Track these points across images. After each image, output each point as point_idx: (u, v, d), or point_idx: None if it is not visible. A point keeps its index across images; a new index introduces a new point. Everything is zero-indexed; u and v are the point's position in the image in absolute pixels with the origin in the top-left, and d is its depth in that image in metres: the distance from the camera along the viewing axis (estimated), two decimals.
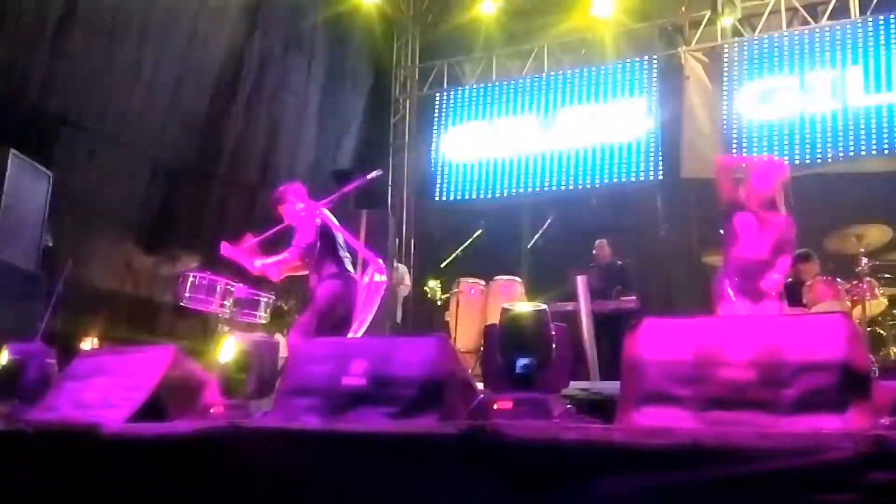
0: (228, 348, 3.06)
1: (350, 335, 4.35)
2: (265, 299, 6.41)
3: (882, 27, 7.52)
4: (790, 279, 6.41)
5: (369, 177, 4.69)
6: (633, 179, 8.30)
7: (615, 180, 8.43)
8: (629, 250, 7.38)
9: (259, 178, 8.09)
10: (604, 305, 6.60)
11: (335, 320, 4.24)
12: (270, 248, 4.55)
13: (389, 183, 9.55)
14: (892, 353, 5.72)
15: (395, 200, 9.60)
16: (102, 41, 6.73)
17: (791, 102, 7.76)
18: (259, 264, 4.37)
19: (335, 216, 4.69)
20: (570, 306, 6.56)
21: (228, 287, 6.14)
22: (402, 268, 8.11)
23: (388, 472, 2.23)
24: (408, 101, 9.97)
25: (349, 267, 4.49)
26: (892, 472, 1.64)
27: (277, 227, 4.60)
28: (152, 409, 2.97)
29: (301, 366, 2.86)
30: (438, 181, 9.43)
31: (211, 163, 7.76)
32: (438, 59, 9.79)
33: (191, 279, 6.04)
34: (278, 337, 5.74)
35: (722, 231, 4.21)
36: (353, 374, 2.66)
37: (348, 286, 4.37)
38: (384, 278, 4.25)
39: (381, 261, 4.35)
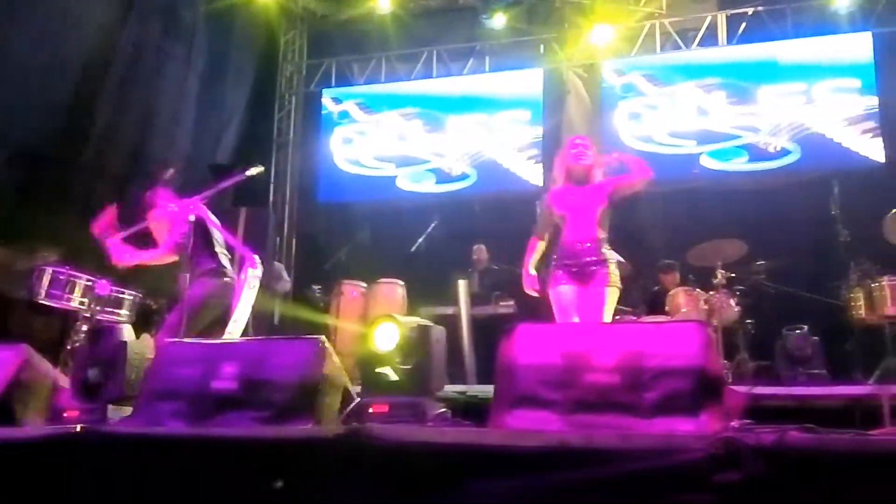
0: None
1: (226, 336, 4.20)
2: (130, 297, 6.08)
3: (745, 54, 8.13)
4: (655, 287, 6.82)
5: (248, 173, 4.55)
6: (516, 187, 8.52)
7: (499, 189, 8.63)
8: (510, 256, 7.56)
9: (130, 169, 7.64)
10: (483, 310, 6.75)
11: (209, 320, 4.09)
12: (139, 241, 4.37)
13: (271, 181, 9.32)
14: (743, 361, 6.16)
15: (277, 199, 9.37)
16: None
17: (661, 122, 8.24)
18: (127, 255, 4.19)
19: (213, 212, 4.53)
20: (450, 310, 6.67)
21: (90, 283, 5.77)
22: (280, 267, 7.93)
23: (259, 479, 2.16)
24: (293, 97, 9.76)
25: (226, 264, 4.34)
26: (740, 473, 1.75)
27: (145, 224, 4.40)
28: (0, 412, 2.75)
29: (167, 368, 2.73)
30: (323, 181, 9.30)
31: (76, 150, 7.26)
32: (327, 57, 9.65)
33: (48, 274, 5.63)
34: (146, 337, 5.45)
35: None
36: (223, 377, 2.58)
37: (224, 285, 4.23)
38: (258, 273, 4.13)
39: (256, 256, 4.22)
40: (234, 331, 4.03)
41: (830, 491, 1.70)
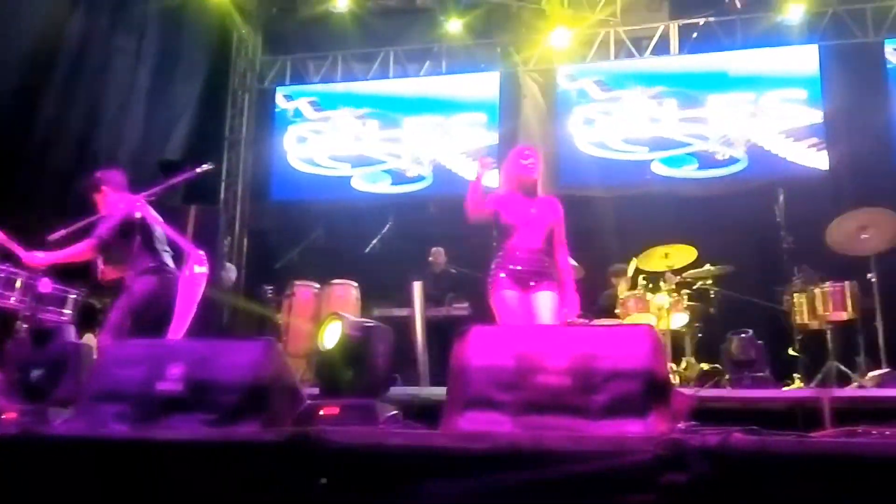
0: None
1: (170, 335, 4.12)
2: (73, 296, 5.89)
3: (696, 64, 8.32)
4: (607, 291, 6.92)
5: (199, 170, 4.48)
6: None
7: (455, 191, 8.63)
8: (465, 259, 7.59)
9: (74, 164, 7.42)
10: (437, 312, 6.76)
11: (152, 319, 4.01)
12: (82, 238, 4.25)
13: (223, 178, 9.16)
14: (690, 364, 6.30)
15: (228, 197, 9.21)
16: None
17: (615, 128, 8.36)
18: (41, 256, 4.10)
19: (161, 209, 4.45)
20: (404, 312, 6.66)
21: (30, 281, 5.58)
22: (232, 267, 7.81)
23: (205, 482, 2.12)
24: (247, 94, 9.61)
25: (168, 262, 4.27)
26: (686, 474, 1.79)
27: (90, 219, 4.28)
28: None
29: (110, 369, 2.66)
30: (275, 180, 9.19)
31: (18, 144, 7.02)
32: (281, 54, 9.55)
33: None
34: (89, 337, 5.31)
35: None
36: (169, 378, 2.52)
37: (166, 282, 4.15)
38: (204, 269, 4.06)
39: (201, 252, 4.15)
40: (178, 329, 3.96)
41: (773, 491, 1.74)
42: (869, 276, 5.72)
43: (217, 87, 9.36)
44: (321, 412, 2.66)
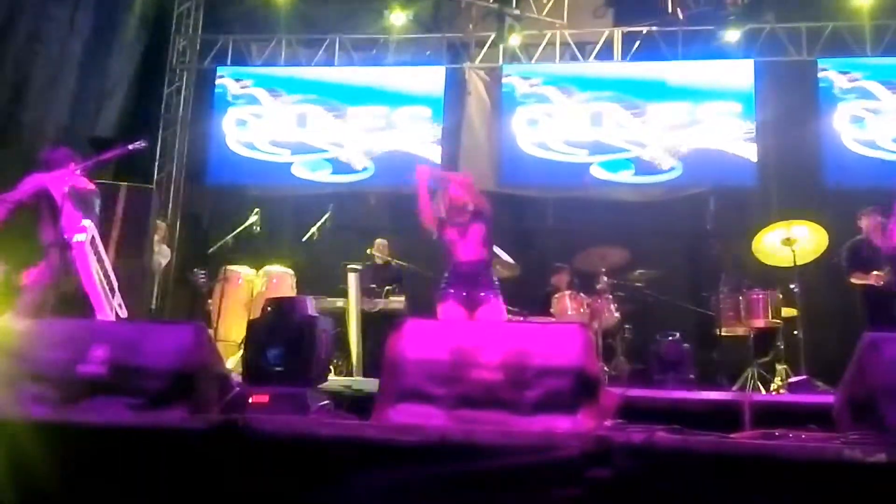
0: None
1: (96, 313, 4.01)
2: None
3: (638, 72, 8.51)
4: (547, 289, 7.02)
5: (132, 146, 4.36)
6: (413, 184, 8.50)
7: (397, 183, 8.60)
8: (404, 252, 7.58)
9: None
10: (373, 304, 6.73)
11: (63, 297, 3.91)
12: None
13: (157, 158, 8.90)
14: (620, 364, 6.45)
15: (162, 178, 8.95)
16: None
17: (557, 130, 8.48)
18: None
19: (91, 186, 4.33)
20: (340, 302, 6.60)
21: None
22: (165, 250, 7.59)
23: (127, 468, 2.06)
24: (185, 72, 9.35)
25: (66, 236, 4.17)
26: (610, 469, 1.83)
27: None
28: None
29: (31, 349, 2.55)
30: (213, 162, 8.96)
31: None
32: (223, 34, 9.31)
33: None
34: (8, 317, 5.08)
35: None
36: (92, 360, 2.44)
37: (64, 257, 4.04)
38: (82, 237, 3.97)
39: (87, 222, 4.06)
40: (98, 305, 3.89)
41: (694, 487, 1.80)
42: (792, 286, 5.95)
43: (154, 64, 9.07)
44: (250, 400, 2.62)
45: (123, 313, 4.39)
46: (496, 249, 4.81)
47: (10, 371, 2.51)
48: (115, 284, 4.32)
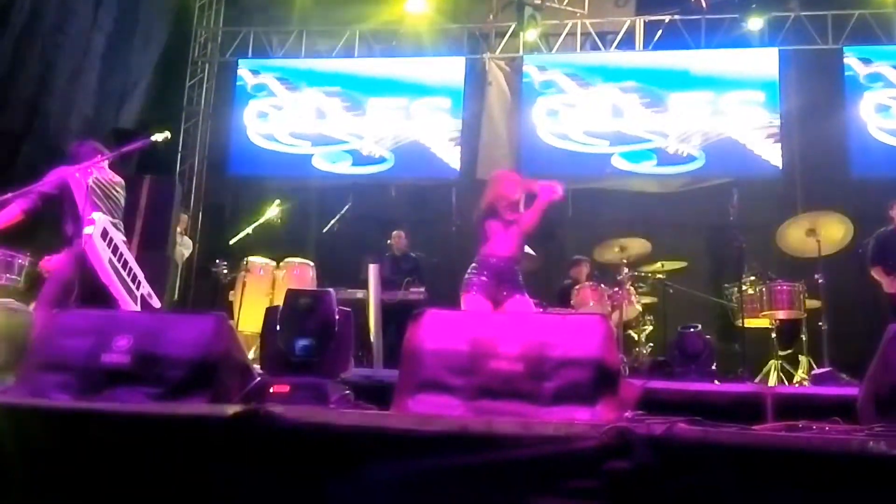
0: None
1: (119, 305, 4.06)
2: (21, 261, 5.72)
3: (660, 61, 8.42)
4: (567, 281, 7.00)
5: (154, 138, 4.40)
6: (433, 175, 8.53)
7: (417, 174, 8.61)
8: (424, 243, 7.59)
9: (24, 127, 7.18)
10: (393, 295, 6.74)
11: (86, 289, 3.95)
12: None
13: (179, 150, 8.98)
14: (641, 354, 6.42)
15: (185, 169, 9.03)
16: None
17: (578, 120, 8.41)
18: None
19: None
20: (360, 294, 6.63)
21: None
22: (188, 241, 7.66)
23: (149, 456, 2.08)
24: (207, 65, 9.41)
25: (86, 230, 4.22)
26: (629, 461, 1.82)
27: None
28: None
29: (54, 338, 2.59)
30: (234, 154, 9.02)
31: None
32: (244, 26, 9.35)
33: None
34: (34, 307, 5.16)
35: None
36: (116, 350, 2.46)
37: (79, 251, 4.09)
38: (90, 230, 4.01)
39: (97, 215, 4.11)
40: (121, 297, 3.93)
41: (714, 479, 1.79)
42: (816, 277, 5.88)
43: (176, 57, 9.14)
44: (271, 390, 2.64)
45: (156, 303, 4.44)
46: None
47: (27, 359, 2.55)
48: (141, 275, 4.37)
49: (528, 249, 5.87)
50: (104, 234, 4.08)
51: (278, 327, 3.05)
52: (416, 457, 1.96)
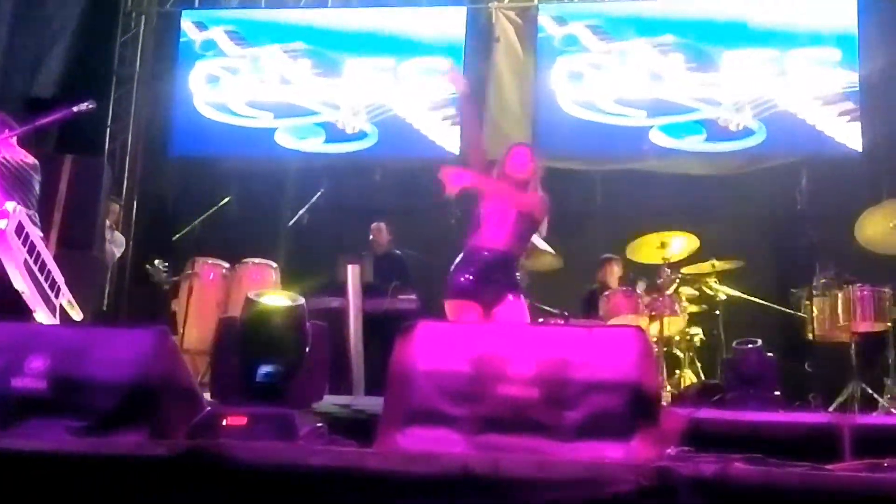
0: None
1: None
2: None
3: (710, 11, 8.43)
4: (593, 285, 7.01)
5: (77, 108, 4.41)
6: (427, 154, 8.53)
7: (407, 154, 8.61)
8: (416, 239, 7.59)
9: None
10: (377, 304, 6.74)
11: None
12: None
13: (109, 124, 8.98)
14: (686, 378, 6.42)
15: (116, 147, 9.04)
16: None
17: (607, 85, 8.42)
18: None
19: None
20: (336, 302, 6.63)
21: None
22: (119, 237, 7.67)
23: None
24: (142, 17, 9.40)
25: None
26: None
27: None
28: None
29: None
30: (178, 129, 9.02)
31: None
32: None
33: None
34: None
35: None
36: (29, 373, 2.47)
37: None
38: (3, 224, 4.01)
39: (11, 204, 4.10)
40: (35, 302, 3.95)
41: None
42: None
43: (104, 8, 9.12)
44: (225, 422, 2.64)
45: (77, 314, 4.44)
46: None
47: None
48: (61, 279, 4.37)
49: (543, 245, 5.89)
50: (19, 229, 4.08)
51: (234, 345, 3.04)
52: (406, 503, 1.97)
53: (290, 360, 2.97)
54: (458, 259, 4.33)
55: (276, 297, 3.09)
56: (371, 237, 7.42)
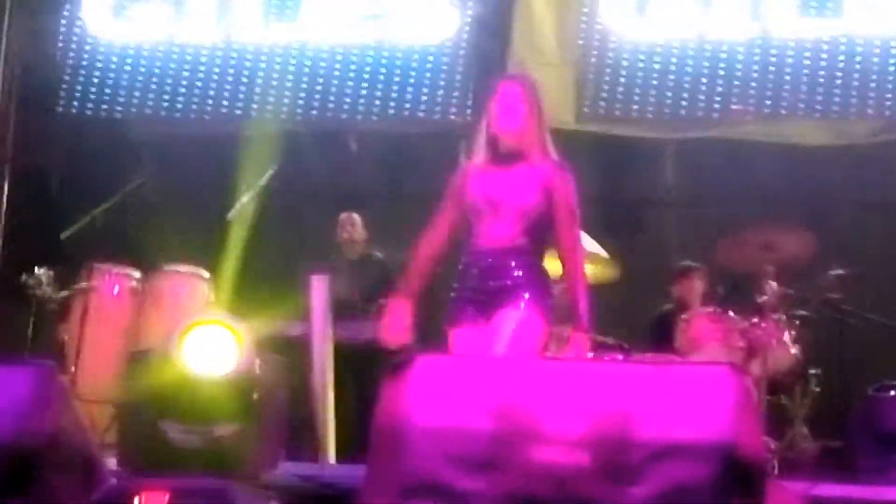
0: None
1: None
2: None
3: None
4: (667, 305, 7.00)
5: None
6: (422, 114, 8.55)
7: (394, 112, 8.63)
8: (406, 234, 7.59)
9: None
10: (356, 330, 6.74)
11: None
12: None
13: None
14: (801, 435, 6.41)
15: None
16: None
17: (668, 17, 8.31)
18: None
19: None
20: (296, 329, 6.64)
21: None
22: None
23: None
24: None
25: None
26: None
27: None
28: None
29: None
30: (70, 78, 9.08)
31: None
32: None
33: None
34: None
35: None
36: None
37: None
38: None
39: None
40: None
41: None
42: None
43: None
44: (138, 500, 2.67)
45: None
46: None
47: None
48: None
49: (593, 245, 5.91)
50: None
51: (150, 395, 3.07)
52: None
53: (231, 415, 3.00)
54: (459, 266, 4.33)
55: (213, 338, 3.11)
56: (340, 232, 7.44)
